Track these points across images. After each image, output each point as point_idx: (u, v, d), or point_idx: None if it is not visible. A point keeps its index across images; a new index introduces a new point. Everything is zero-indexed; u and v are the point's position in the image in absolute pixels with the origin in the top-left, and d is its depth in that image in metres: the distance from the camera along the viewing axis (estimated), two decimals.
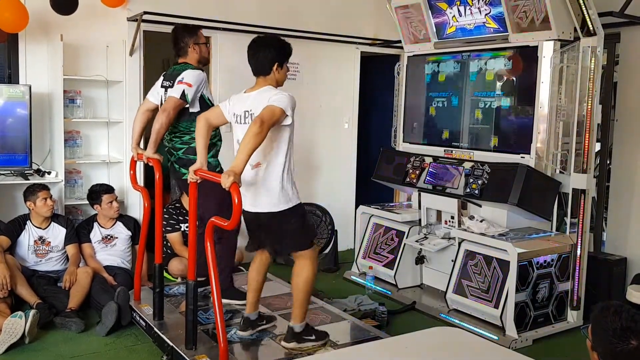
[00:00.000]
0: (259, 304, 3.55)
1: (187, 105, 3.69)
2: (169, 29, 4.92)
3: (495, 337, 3.79)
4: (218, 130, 3.84)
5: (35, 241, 4.31)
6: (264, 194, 3.10)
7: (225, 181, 2.72)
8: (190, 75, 3.67)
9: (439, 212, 4.66)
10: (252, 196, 3.13)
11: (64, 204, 4.65)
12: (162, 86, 3.84)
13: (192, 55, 3.85)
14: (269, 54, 3.12)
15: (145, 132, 4.02)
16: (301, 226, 3.26)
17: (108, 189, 4.57)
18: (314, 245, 3.32)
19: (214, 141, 3.79)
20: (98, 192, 4.54)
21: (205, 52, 3.93)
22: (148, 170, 4.63)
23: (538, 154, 4.10)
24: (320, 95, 5.85)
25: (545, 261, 3.96)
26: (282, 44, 3.19)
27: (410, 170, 4.77)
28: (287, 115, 2.99)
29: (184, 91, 3.62)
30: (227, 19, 5.14)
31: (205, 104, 3.73)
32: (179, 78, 3.68)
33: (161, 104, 3.81)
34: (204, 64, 3.96)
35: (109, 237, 4.57)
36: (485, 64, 4.46)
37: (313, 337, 3.33)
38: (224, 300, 3.85)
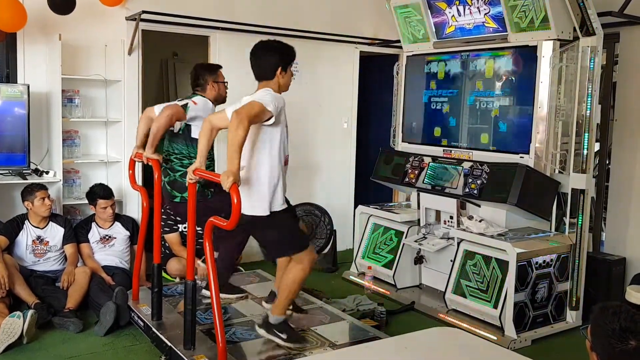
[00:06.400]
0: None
1: (183, 122, 3.71)
2: (167, 28, 4.96)
3: (494, 338, 3.79)
4: (212, 154, 3.84)
5: (33, 241, 4.30)
6: (245, 197, 3.02)
7: (226, 182, 2.73)
8: (198, 98, 3.79)
9: (438, 212, 4.65)
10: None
11: (62, 204, 4.63)
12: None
13: (210, 92, 3.91)
14: (272, 58, 3.10)
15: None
16: (281, 237, 3.22)
17: (105, 195, 4.54)
18: (303, 249, 3.25)
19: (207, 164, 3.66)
20: (95, 195, 4.53)
21: (224, 90, 3.99)
22: (147, 170, 4.62)
23: (537, 153, 4.10)
24: (319, 95, 5.85)
25: (544, 261, 3.96)
26: (285, 47, 3.16)
27: (409, 170, 4.76)
28: (269, 112, 2.92)
29: (187, 104, 3.69)
30: (226, 19, 5.13)
31: None
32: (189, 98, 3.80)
33: None
34: (220, 102, 4.01)
35: (107, 237, 4.56)
36: (485, 63, 4.46)
37: (284, 336, 3.29)
38: (222, 295, 3.87)
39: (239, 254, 4.25)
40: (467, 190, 4.27)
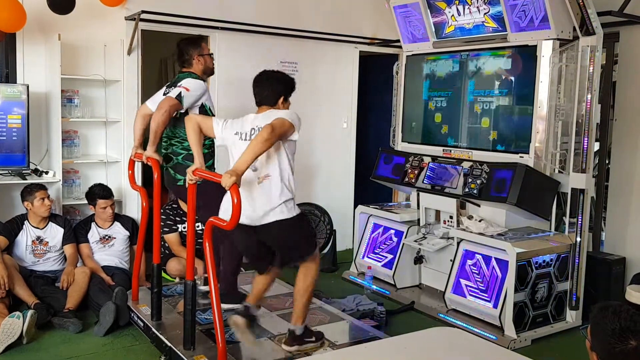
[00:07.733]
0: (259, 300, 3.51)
1: (183, 111, 3.68)
2: (167, 28, 4.95)
3: (494, 337, 3.79)
4: (213, 149, 3.84)
5: (33, 241, 4.30)
6: (266, 205, 3.09)
7: (227, 181, 2.72)
8: (189, 82, 3.72)
9: (437, 212, 4.65)
10: (253, 210, 3.09)
11: (61, 204, 4.63)
12: (164, 94, 3.84)
13: (196, 66, 3.89)
14: (277, 88, 3.23)
15: (145, 134, 4.02)
16: (307, 234, 3.37)
17: (105, 195, 4.54)
18: (316, 250, 3.39)
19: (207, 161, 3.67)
20: (94, 195, 4.52)
21: (210, 62, 3.97)
22: (146, 170, 4.62)
23: (537, 153, 4.10)
24: (319, 95, 5.84)
25: (544, 261, 3.96)
26: (290, 80, 3.32)
27: (409, 170, 4.76)
28: (295, 131, 3.08)
29: (180, 93, 3.65)
30: (225, 19, 5.13)
31: (206, 113, 3.74)
32: (179, 83, 3.72)
33: None
34: (209, 74, 4.00)
35: (106, 237, 4.56)
36: (484, 63, 4.46)
37: (313, 339, 3.36)
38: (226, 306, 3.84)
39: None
40: (466, 190, 4.27)
